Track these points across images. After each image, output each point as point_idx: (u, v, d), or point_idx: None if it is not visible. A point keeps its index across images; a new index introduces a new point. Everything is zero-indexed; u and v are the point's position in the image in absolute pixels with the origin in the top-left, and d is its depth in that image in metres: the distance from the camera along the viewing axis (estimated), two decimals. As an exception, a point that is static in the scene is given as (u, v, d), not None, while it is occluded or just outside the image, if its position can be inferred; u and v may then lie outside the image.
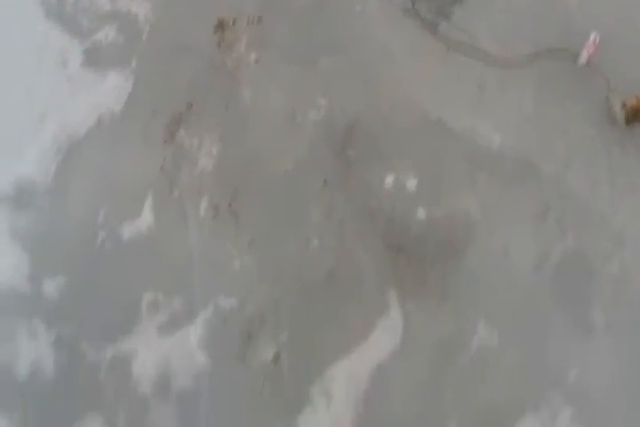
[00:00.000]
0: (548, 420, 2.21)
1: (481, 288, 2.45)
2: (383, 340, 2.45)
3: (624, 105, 2.49)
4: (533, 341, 2.34)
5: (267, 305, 2.62)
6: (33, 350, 2.83)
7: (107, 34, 3.18)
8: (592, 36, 2.53)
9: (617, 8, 2.58)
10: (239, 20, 3.02)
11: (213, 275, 2.74)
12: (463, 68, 2.72)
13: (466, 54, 2.72)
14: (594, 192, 2.54)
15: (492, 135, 2.67)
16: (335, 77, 2.88)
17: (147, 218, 2.92)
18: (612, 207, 2.49)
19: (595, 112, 2.60)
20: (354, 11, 2.89)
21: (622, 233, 2.44)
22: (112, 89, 3.15)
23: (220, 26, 3.06)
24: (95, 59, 3.18)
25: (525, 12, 2.68)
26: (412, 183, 2.72)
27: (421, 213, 2.65)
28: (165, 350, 2.66)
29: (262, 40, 2.97)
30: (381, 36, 2.82)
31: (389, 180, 2.74)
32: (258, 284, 2.68)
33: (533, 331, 2.36)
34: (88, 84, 3.17)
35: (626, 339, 2.27)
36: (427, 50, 2.77)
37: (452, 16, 2.76)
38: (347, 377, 2.42)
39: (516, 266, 2.48)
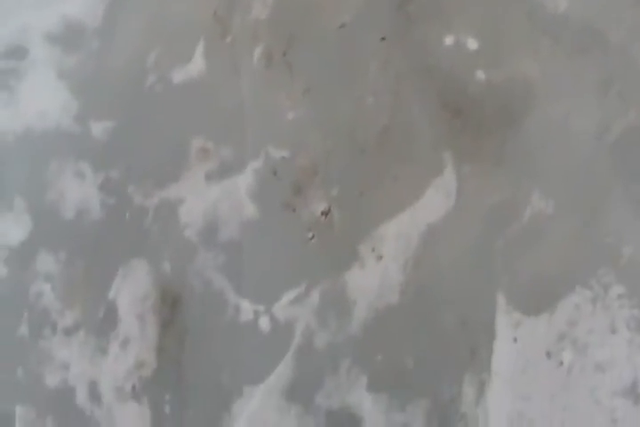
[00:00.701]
0: (597, 296, 2.15)
1: (538, 157, 2.36)
2: (436, 201, 2.40)
3: None
4: (588, 214, 2.25)
5: (318, 158, 2.57)
6: (79, 192, 2.82)
7: None
8: None
9: None
10: None
11: (265, 124, 2.68)
12: None
13: None
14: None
15: (559, 1, 2.53)
16: None
17: (198, 63, 2.85)
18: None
19: (668, -18, 2.46)
20: None
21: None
22: None
23: None
24: None
25: None
26: (472, 43, 2.59)
27: (480, 75, 2.54)
28: (213, 198, 2.63)
29: None
30: None
31: (449, 38, 2.62)
32: (310, 136, 2.62)
33: (588, 204, 2.27)
34: None
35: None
36: None
37: None
38: (397, 236, 2.38)
39: (576, 137, 2.36)
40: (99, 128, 2.86)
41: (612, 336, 2.07)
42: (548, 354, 2.09)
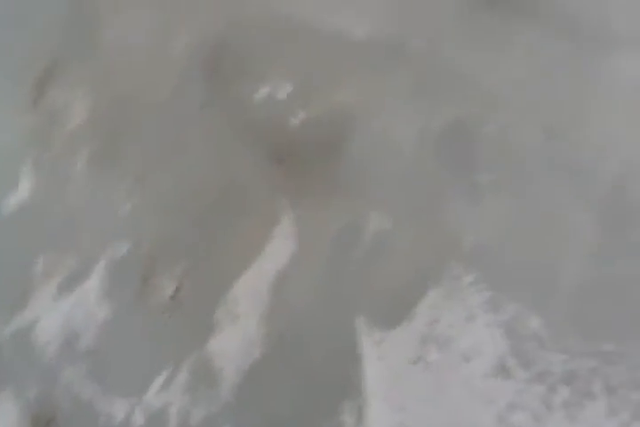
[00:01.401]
0: (451, 290, 2.14)
1: (368, 176, 2.40)
2: (279, 247, 2.38)
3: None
4: (426, 215, 2.28)
5: (159, 241, 2.53)
6: None
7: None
8: None
9: None
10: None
11: (102, 223, 2.65)
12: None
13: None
14: (463, 59, 2.48)
15: (358, 27, 2.63)
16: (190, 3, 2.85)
17: (26, 184, 2.83)
18: (483, 71, 2.44)
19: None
20: None
21: (495, 95, 2.38)
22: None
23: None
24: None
25: None
26: (286, 90, 2.64)
27: (300, 115, 2.58)
28: (66, 311, 2.56)
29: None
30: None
31: (264, 91, 2.68)
32: (147, 223, 2.60)
33: (425, 206, 2.30)
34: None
35: (512, 196, 2.21)
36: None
37: None
38: (248, 293, 2.33)
39: (399, 146, 2.43)
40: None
41: (471, 324, 2.02)
42: (414, 361, 2.03)
